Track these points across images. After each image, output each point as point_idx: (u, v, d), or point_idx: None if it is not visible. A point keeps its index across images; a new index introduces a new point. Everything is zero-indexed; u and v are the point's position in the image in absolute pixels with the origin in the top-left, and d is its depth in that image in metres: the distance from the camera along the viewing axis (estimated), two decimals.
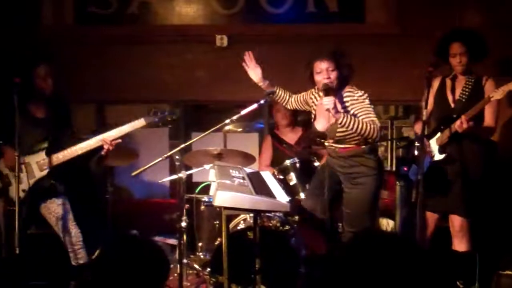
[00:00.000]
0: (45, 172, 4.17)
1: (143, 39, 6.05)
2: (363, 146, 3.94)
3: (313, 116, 4.18)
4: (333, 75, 3.91)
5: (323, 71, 3.91)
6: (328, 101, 3.73)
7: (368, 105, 3.93)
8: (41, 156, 4.18)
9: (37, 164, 4.17)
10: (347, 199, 4.02)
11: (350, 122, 3.77)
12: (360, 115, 3.88)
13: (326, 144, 4.08)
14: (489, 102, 3.92)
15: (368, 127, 3.81)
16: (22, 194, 4.07)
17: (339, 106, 3.82)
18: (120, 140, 4.23)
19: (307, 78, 4.06)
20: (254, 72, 4.30)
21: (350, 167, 3.96)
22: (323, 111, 3.88)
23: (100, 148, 4.22)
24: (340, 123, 3.77)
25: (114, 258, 2.08)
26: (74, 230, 4.28)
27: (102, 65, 6.02)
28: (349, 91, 3.98)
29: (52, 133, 4.25)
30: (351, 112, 3.90)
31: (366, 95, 3.97)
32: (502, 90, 3.83)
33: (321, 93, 3.94)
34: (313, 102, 4.19)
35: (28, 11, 6.00)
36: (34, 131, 4.19)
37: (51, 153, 4.20)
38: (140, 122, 4.24)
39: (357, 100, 3.93)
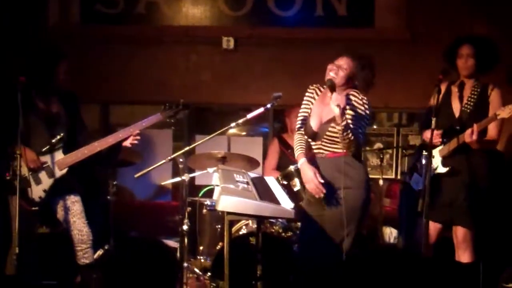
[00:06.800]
0: (64, 171, 4.16)
1: (149, 40, 6.03)
2: (349, 153, 3.78)
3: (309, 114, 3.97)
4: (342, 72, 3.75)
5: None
6: (338, 98, 3.56)
7: (366, 115, 3.75)
8: (60, 155, 4.16)
9: (56, 164, 4.15)
10: (328, 214, 3.77)
11: (345, 128, 3.59)
12: (352, 123, 3.69)
13: (314, 147, 3.89)
14: (495, 119, 3.84)
15: (353, 141, 3.64)
16: (43, 194, 4.09)
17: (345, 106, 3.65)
18: (139, 137, 4.22)
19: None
20: None
21: (334, 178, 3.74)
22: (318, 109, 3.78)
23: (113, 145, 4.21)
24: (338, 124, 3.60)
25: (125, 259, 2.04)
26: (86, 228, 4.27)
27: (107, 65, 6.00)
28: (354, 93, 3.79)
29: (66, 129, 4.22)
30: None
31: (368, 102, 3.78)
32: (510, 109, 3.71)
33: (325, 88, 3.79)
34: (313, 97, 3.99)
35: (35, 10, 5.98)
36: (48, 127, 4.17)
37: (68, 151, 4.18)
38: (156, 117, 4.23)
39: (359, 104, 3.74)
